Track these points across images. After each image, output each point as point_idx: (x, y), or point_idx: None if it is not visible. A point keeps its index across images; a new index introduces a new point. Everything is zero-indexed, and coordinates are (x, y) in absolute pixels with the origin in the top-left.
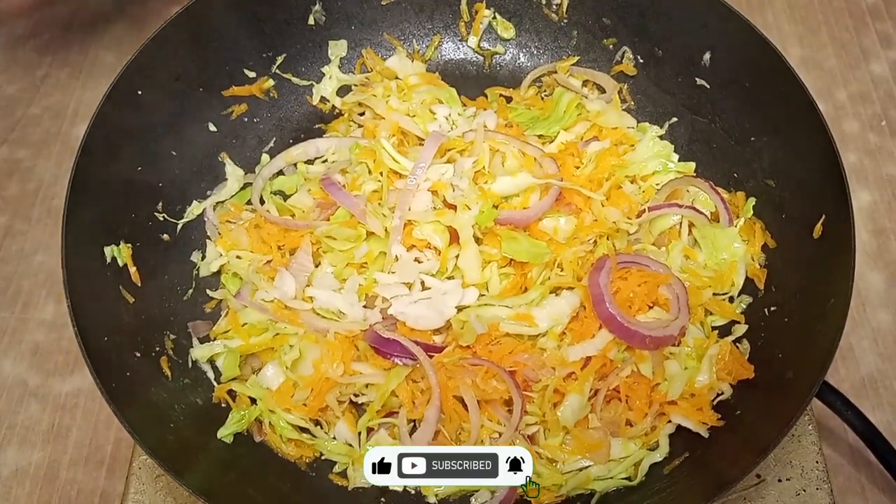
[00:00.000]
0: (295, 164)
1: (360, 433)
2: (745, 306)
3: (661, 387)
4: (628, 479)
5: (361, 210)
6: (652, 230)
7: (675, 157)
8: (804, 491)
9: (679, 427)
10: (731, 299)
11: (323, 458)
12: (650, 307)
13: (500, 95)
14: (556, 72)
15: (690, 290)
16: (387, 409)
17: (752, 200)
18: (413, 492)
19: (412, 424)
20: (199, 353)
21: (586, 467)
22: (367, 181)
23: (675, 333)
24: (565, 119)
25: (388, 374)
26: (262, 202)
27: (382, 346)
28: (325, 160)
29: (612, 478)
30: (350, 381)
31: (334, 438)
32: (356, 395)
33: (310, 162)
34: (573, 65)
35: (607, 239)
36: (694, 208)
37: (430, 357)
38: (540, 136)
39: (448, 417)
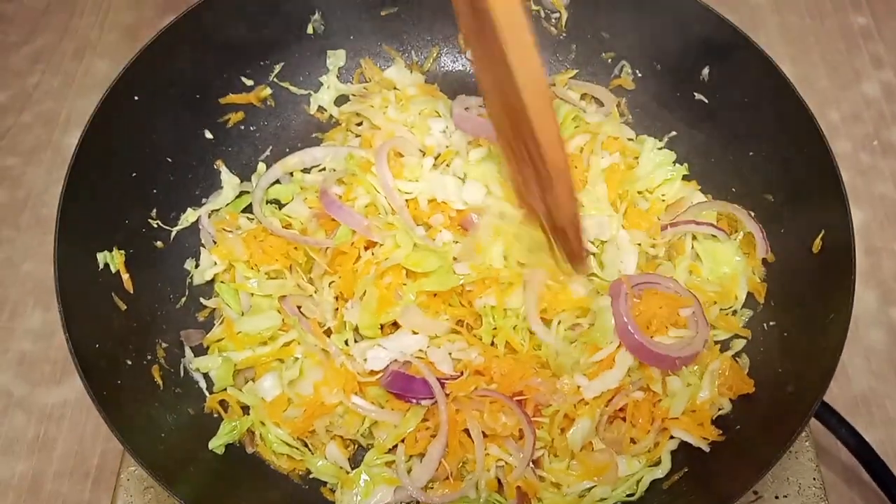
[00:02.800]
0: (291, 173)
1: (348, 458)
2: (745, 320)
3: (662, 403)
4: (630, 495)
5: (366, 227)
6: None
7: (677, 166)
8: None
9: (679, 443)
10: (734, 313)
11: None
12: (667, 328)
13: None
14: (554, 85)
15: None
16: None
17: (750, 213)
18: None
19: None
20: (200, 363)
21: (590, 488)
22: (360, 196)
23: (700, 349)
24: (562, 131)
25: (404, 415)
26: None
27: (405, 391)
28: (322, 168)
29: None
30: (348, 412)
31: (325, 458)
32: (363, 436)
33: (306, 170)
34: (571, 78)
35: None
36: (713, 225)
37: (443, 385)
38: None
39: (451, 451)
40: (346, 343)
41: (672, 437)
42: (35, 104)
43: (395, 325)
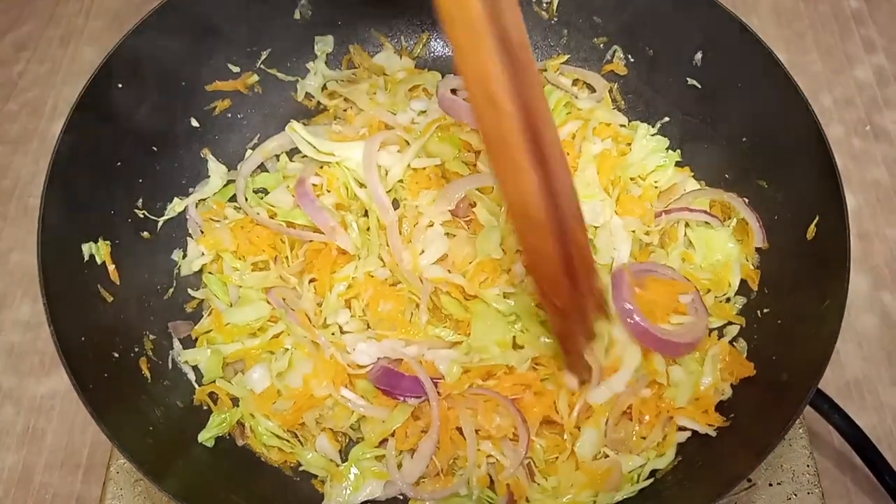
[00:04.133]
0: (278, 157)
1: (339, 450)
2: (739, 307)
3: (666, 394)
4: None
5: (331, 228)
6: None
7: (670, 152)
8: (795, 495)
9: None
10: (728, 300)
11: None
12: (667, 315)
13: None
14: (545, 70)
15: None
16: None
17: (745, 201)
18: (401, 497)
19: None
20: (188, 356)
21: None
22: (325, 194)
23: (703, 334)
24: (553, 118)
25: (391, 411)
26: (246, 201)
27: (392, 387)
28: (305, 156)
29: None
30: (337, 404)
31: (315, 450)
32: (353, 429)
33: (293, 152)
34: (563, 63)
35: None
36: (706, 212)
37: (436, 384)
38: None
39: (443, 448)
40: (334, 334)
41: (679, 430)
42: (21, 92)
43: None
